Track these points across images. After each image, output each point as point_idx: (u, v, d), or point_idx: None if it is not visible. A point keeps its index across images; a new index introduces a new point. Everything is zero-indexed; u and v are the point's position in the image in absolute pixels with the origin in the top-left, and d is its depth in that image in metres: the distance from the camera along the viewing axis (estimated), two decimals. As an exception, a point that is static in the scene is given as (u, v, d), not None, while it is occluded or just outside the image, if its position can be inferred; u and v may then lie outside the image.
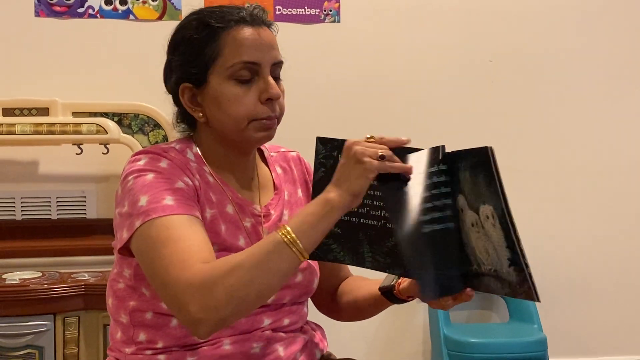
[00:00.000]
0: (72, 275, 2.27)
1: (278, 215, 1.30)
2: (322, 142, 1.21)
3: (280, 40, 1.27)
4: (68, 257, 2.44)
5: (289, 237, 1.06)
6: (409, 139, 1.12)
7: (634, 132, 3.08)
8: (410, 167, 1.09)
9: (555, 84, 3.04)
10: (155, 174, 1.17)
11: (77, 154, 2.54)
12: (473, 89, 3.00)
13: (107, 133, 2.46)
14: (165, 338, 1.20)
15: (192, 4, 2.51)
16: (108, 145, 2.55)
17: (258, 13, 1.24)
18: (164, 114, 2.52)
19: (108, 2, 2.76)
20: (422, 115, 2.97)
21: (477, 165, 1.05)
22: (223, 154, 1.27)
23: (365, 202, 1.14)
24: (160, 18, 2.80)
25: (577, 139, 3.06)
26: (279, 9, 2.87)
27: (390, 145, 1.10)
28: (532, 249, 1.01)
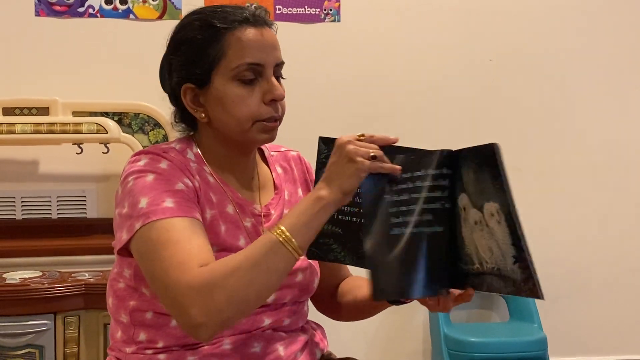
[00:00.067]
0: (72, 275, 2.27)
1: (278, 215, 1.30)
2: (324, 141, 1.22)
3: (281, 40, 1.27)
4: (68, 256, 2.44)
5: (284, 236, 1.08)
6: (397, 138, 1.13)
7: (635, 131, 3.08)
8: (399, 167, 1.11)
9: (556, 84, 3.04)
10: (156, 175, 1.17)
11: (77, 154, 2.54)
12: (473, 89, 3.00)
13: (107, 132, 2.46)
14: (166, 338, 1.20)
15: (192, 3, 2.53)
16: (108, 145, 2.55)
17: (261, 13, 1.24)
18: (164, 114, 2.52)
19: (108, 1, 2.76)
20: (422, 115, 2.97)
21: (482, 163, 1.06)
22: (224, 154, 1.27)
23: None
24: (161, 17, 2.80)
25: (577, 139, 3.06)
26: (279, 8, 2.87)
27: (380, 144, 1.12)
28: (532, 249, 1.01)
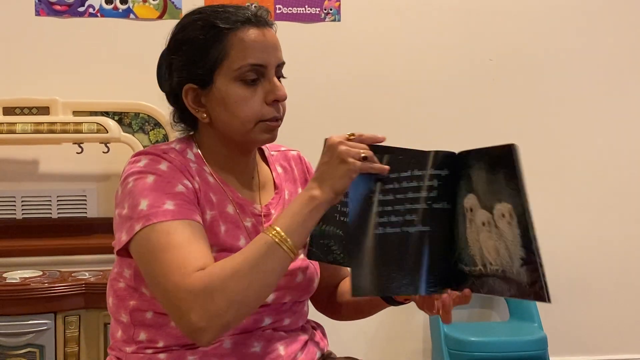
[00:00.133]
0: (72, 274, 2.27)
1: (278, 215, 1.30)
2: None
3: (281, 39, 1.27)
4: (68, 256, 2.44)
5: (280, 237, 1.09)
6: (385, 137, 1.15)
7: (635, 131, 3.08)
8: (387, 167, 1.13)
9: (556, 83, 3.04)
10: (156, 177, 1.17)
11: (77, 153, 2.55)
12: (473, 88, 3.00)
13: (107, 132, 2.46)
14: (166, 337, 1.20)
15: (193, 3, 2.52)
16: (109, 144, 2.55)
17: (262, 14, 1.24)
18: (165, 113, 2.52)
19: (108, 1, 2.76)
20: (422, 114, 2.97)
21: (497, 163, 1.06)
22: (224, 154, 1.27)
23: None
24: (161, 17, 2.80)
25: (577, 138, 3.06)
26: (279, 8, 2.87)
27: (368, 143, 1.14)
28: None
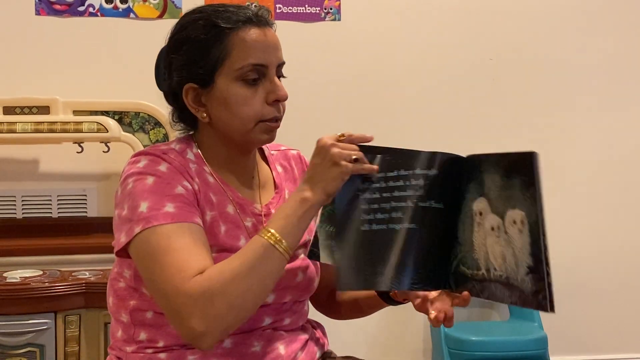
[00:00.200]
0: (72, 274, 2.27)
1: (272, 216, 1.30)
2: None
3: (281, 39, 1.27)
4: (69, 255, 2.44)
5: (275, 239, 1.11)
6: (373, 137, 1.17)
7: (635, 130, 3.08)
8: (376, 167, 1.15)
9: (556, 83, 3.04)
10: (155, 179, 1.17)
11: (77, 153, 2.55)
12: (473, 87, 3.00)
13: (107, 131, 2.46)
14: (166, 337, 1.20)
15: (193, 2, 2.52)
16: (109, 144, 2.55)
17: (263, 14, 1.24)
18: (165, 113, 2.50)
19: (108, 0, 2.76)
20: (422, 114, 2.97)
21: (514, 169, 1.06)
22: (224, 154, 1.27)
23: None
24: (161, 16, 2.80)
25: (577, 138, 3.06)
26: (280, 7, 2.87)
27: (358, 142, 1.16)
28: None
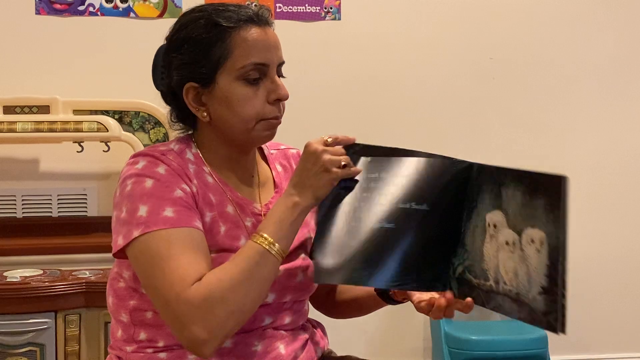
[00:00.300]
0: (73, 273, 2.27)
1: (264, 221, 1.30)
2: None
3: (281, 38, 1.27)
4: (69, 254, 2.44)
5: (268, 243, 1.13)
6: (355, 138, 1.19)
7: (636, 129, 3.08)
8: (360, 170, 1.18)
9: (556, 81, 3.04)
10: (154, 181, 1.17)
11: (77, 152, 2.55)
12: (473, 86, 3.00)
13: (107, 131, 2.45)
14: (166, 337, 1.20)
15: (194, 1, 2.52)
16: (109, 143, 2.55)
17: (264, 13, 1.24)
18: (165, 112, 2.52)
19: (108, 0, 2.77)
20: (422, 113, 2.97)
21: (539, 190, 1.06)
22: (224, 154, 1.27)
23: None
24: (161, 16, 2.80)
25: (578, 137, 3.06)
26: (280, 7, 2.87)
27: (343, 144, 1.18)
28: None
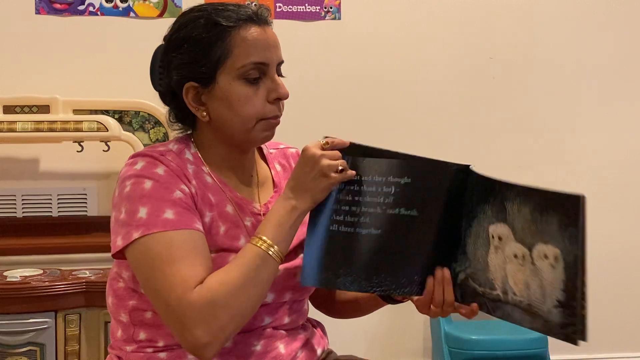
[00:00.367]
0: (73, 273, 2.27)
1: (262, 224, 1.30)
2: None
3: (281, 38, 1.27)
4: (69, 254, 2.44)
5: (266, 245, 1.14)
6: (349, 142, 1.20)
7: (636, 129, 3.08)
8: (354, 173, 1.19)
9: (556, 81, 3.04)
10: (153, 182, 1.17)
11: (77, 152, 2.55)
12: (473, 85, 3.00)
13: (107, 130, 2.45)
14: (166, 337, 1.20)
15: (194, 1, 2.52)
16: (109, 143, 2.55)
17: (263, 12, 1.24)
18: (165, 112, 2.52)
19: (108, -1, 2.77)
20: (422, 113, 2.97)
21: (551, 207, 1.05)
22: (223, 153, 1.27)
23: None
24: (161, 15, 2.80)
25: (577, 137, 3.06)
26: (280, 6, 2.87)
27: (339, 147, 1.19)
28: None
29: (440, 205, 1.18)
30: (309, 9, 2.89)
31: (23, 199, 2.65)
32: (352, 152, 1.19)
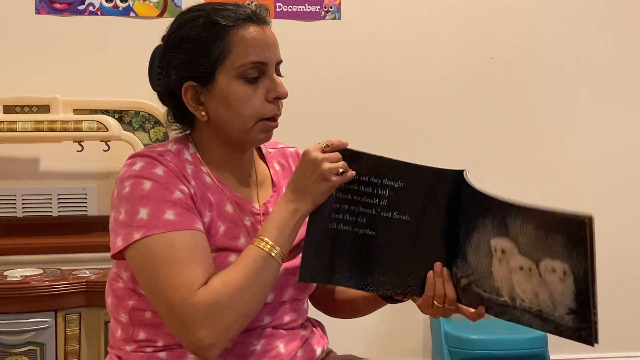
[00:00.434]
0: (73, 272, 2.27)
1: (265, 225, 1.30)
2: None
3: (281, 38, 1.27)
4: (69, 254, 2.44)
5: (269, 247, 1.15)
6: (348, 142, 1.21)
7: (636, 128, 3.08)
8: (354, 173, 1.20)
9: (557, 81, 3.04)
10: (153, 183, 1.16)
11: (78, 151, 2.55)
12: (473, 85, 2.99)
13: (107, 130, 2.45)
14: (165, 336, 1.20)
15: (194, 1, 2.52)
16: (109, 143, 2.55)
17: (262, 12, 1.25)
18: (164, 112, 2.52)
19: (108, -1, 2.77)
20: (422, 112, 2.97)
21: (555, 227, 1.02)
22: (222, 153, 1.27)
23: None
24: (161, 15, 2.80)
25: (577, 137, 3.06)
26: (280, 6, 2.87)
27: (338, 149, 1.20)
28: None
29: (435, 211, 1.19)
30: (309, 9, 2.89)
31: (23, 199, 2.65)
32: (348, 155, 1.20)
